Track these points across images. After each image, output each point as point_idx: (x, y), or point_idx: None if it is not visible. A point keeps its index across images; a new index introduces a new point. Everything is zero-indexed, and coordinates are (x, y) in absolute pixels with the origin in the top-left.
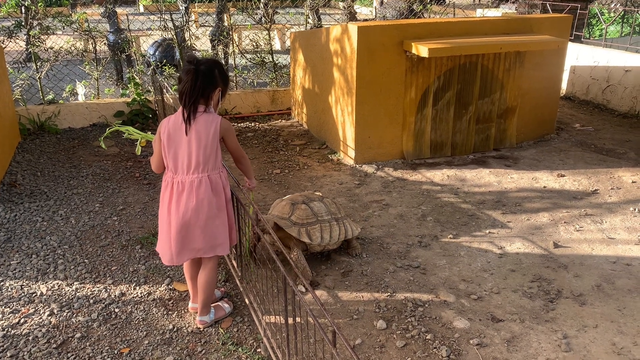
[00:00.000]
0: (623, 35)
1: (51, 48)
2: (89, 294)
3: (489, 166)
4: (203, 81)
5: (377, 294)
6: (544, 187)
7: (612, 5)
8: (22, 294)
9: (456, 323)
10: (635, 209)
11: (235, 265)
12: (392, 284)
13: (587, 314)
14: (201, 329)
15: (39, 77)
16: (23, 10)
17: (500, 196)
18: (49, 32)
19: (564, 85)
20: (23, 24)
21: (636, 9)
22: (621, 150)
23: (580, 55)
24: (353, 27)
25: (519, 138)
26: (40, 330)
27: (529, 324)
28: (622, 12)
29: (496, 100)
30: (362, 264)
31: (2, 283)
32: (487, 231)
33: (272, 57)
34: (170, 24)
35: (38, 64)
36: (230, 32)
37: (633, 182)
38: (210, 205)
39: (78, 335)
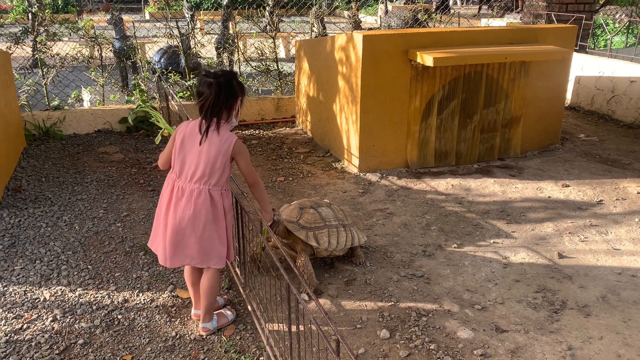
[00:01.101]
0: (628, 45)
1: (57, 54)
2: (92, 300)
3: (494, 176)
4: (226, 94)
5: (381, 303)
6: (549, 197)
7: (617, 16)
8: (25, 300)
9: (460, 333)
10: None
11: (238, 272)
12: (396, 293)
13: (592, 325)
14: (204, 337)
15: (45, 83)
16: (30, 17)
17: (505, 206)
18: (55, 38)
19: (568, 96)
20: (30, 30)
21: None
22: (626, 160)
23: (585, 66)
24: (358, 36)
25: (523, 148)
26: (43, 336)
27: (534, 334)
28: (628, 23)
29: (501, 110)
30: (366, 273)
31: (5, 288)
32: (492, 241)
33: (277, 65)
34: (175, 32)
35: (44, 70)
36: (236, 40)
37: (638, 192)
38: (207, 216)
39: (81, 341)
